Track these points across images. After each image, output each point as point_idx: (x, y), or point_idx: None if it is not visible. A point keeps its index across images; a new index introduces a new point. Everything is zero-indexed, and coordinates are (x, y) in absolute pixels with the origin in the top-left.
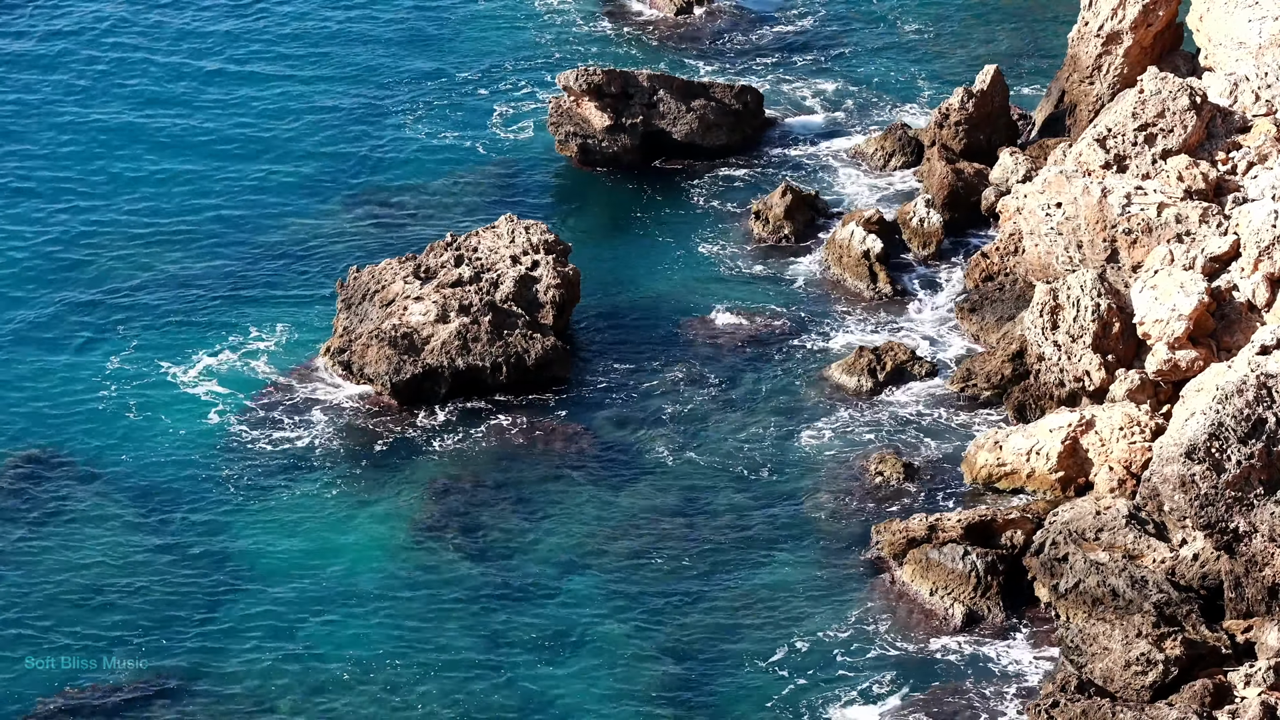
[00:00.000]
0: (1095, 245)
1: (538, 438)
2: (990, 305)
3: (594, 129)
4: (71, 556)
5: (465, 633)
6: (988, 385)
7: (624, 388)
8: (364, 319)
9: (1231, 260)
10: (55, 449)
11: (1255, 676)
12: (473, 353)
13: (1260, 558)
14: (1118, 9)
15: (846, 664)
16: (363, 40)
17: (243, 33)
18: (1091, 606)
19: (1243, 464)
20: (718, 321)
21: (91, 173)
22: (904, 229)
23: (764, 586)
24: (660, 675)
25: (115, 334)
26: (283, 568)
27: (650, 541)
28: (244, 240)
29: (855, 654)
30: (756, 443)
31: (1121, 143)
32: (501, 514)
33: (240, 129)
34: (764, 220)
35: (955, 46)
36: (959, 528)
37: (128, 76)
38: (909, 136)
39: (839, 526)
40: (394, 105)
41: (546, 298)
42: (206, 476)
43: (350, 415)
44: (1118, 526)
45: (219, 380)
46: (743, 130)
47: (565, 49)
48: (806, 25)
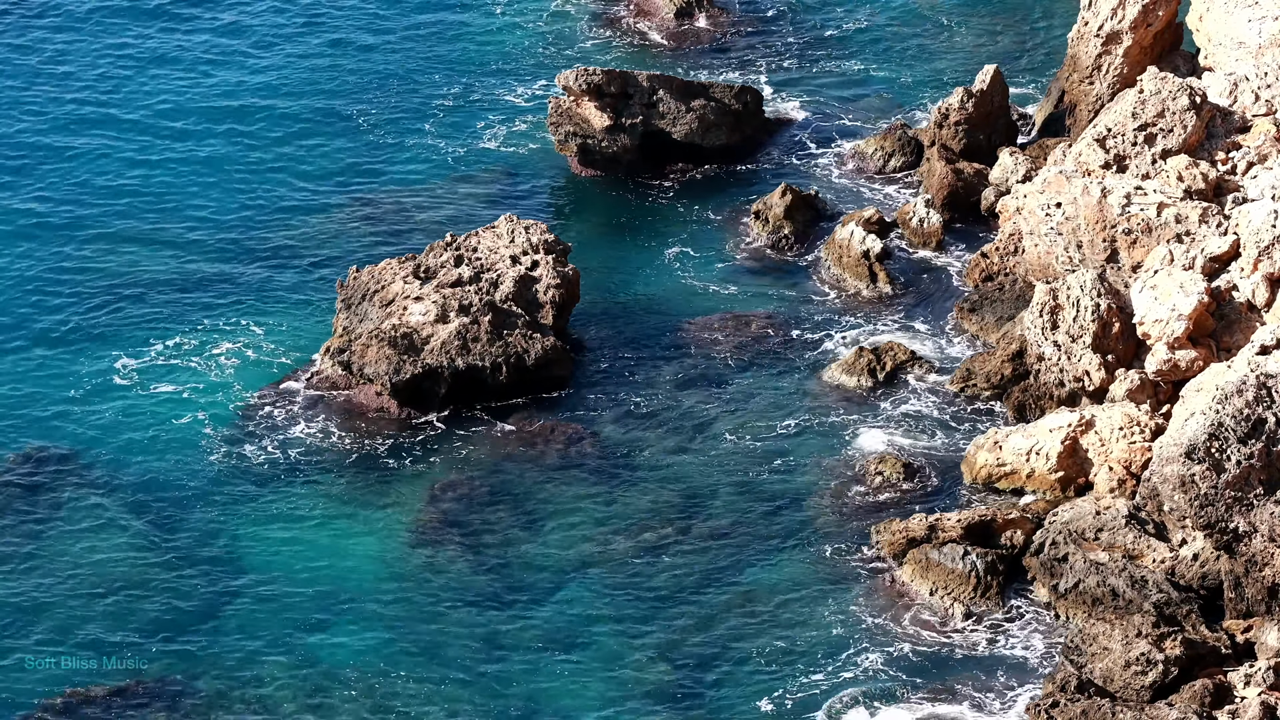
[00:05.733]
0: (1095, 245)
1: (537, 438)
2: (990, 305)
3: (594, 129)
4: (71, 556)
5: (465, 633)
6: (988, 385)
7: (624, 388)
8: (364, 319)
9: (1231, 260)
10: (54, 449)
11: (1255, 676)
12: (473, 353)
13: (1260, 558)
14: (1118, 9)
15: (846, 664)
16: (363, 40)
17: (243, 32)
18: (1091, 606)
19: (1243, 464)
20: (717, 321)
21: (90, 173)
22: (904, 229)
23: (763, 586)
24: (660, 676)
25: (115, 334)
26: (282, 568)
27: (650, 541)
28: (243, 240)
29: (855, 654)
30: (756, 443)
31: (1121, 143)
32: (501, 514)
33: (240, 129)
34: (764, 220)
35: (955, 46)
36: (959, 528)
37: (127, 75)
38: (909, 136)
39: (839, 526)
40: (394, 105)
41: (546, 298)
42: (205, 477)
43: (350, 415)
44: (1118, 526)
45: (218, 380)
46: (743, 130)
47: (565, 49)
48: (806, 26)
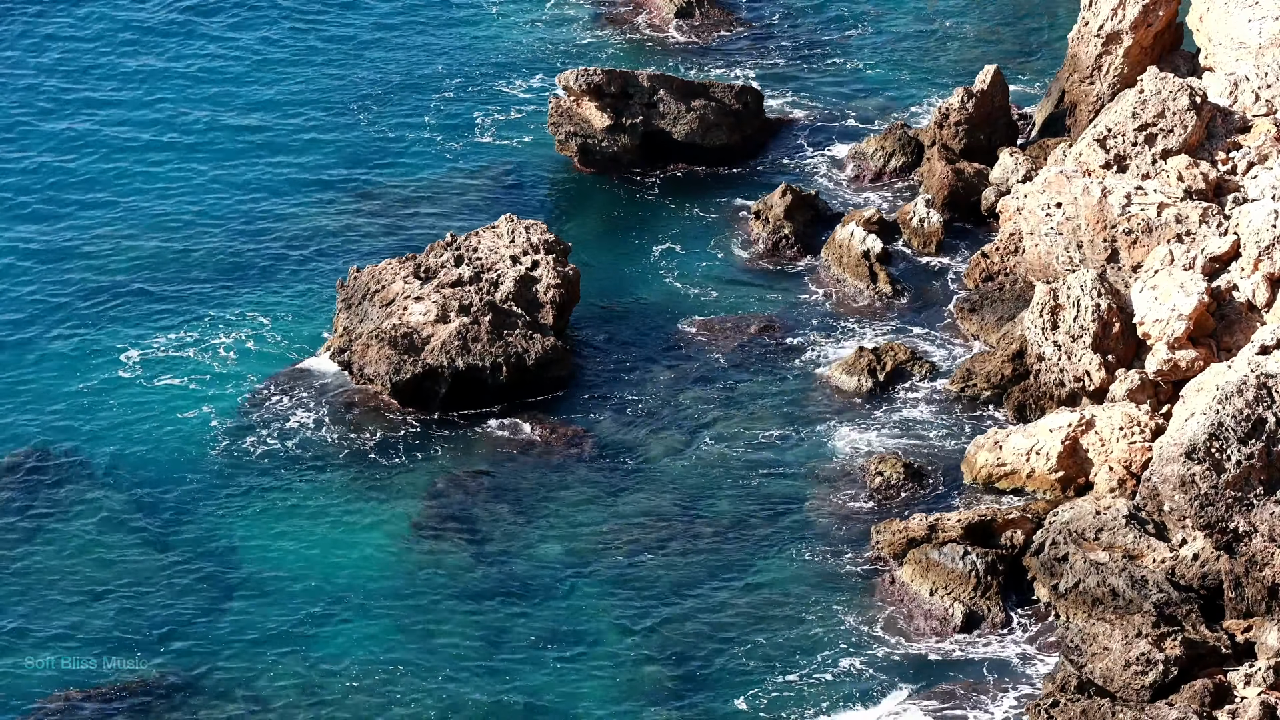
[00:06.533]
0: (1095, 245)
1: (537, 438)
2: (990, 305)
3: (594, 129)
4: (71, 555)
5: (465, 633)
6: (988, 385)
7: (624, 388)
8: (364, 319)
9: (1231, 260)
10: (54, 448)
11: (1255, 676)
12: (473, 353)
13: (1260, 558)
14: (1118, 9)
15: (846, 664)
16: (363, 40)
17: (243, 31)
18: (1091, 606)
19: (1243, 464)
20: (717, 321)
21: (89, 173)
22: (904, 229)
23: (763, 587)
24: (659, 676)
25: (114, 334)
26: (282, 567)
27: (650, 541)
28: (243, 240)
29: (855, 654)
30: (756, 443)
31: (1121, 143)
32: (501, 514)
33: (240, 128)
34: (764, 220)
35: (955, 46)
36: (959, 528)
37: (127, 74)
38: (909, 136)
39: (839, 526)
40: (394, 105)
41: (546, 298)
42: (205, 476)
43: (350, 415)
44: (1118, 526)
45: (218, 380)
46: (743, 130)
47: (565, 49)
48: (806, 25)
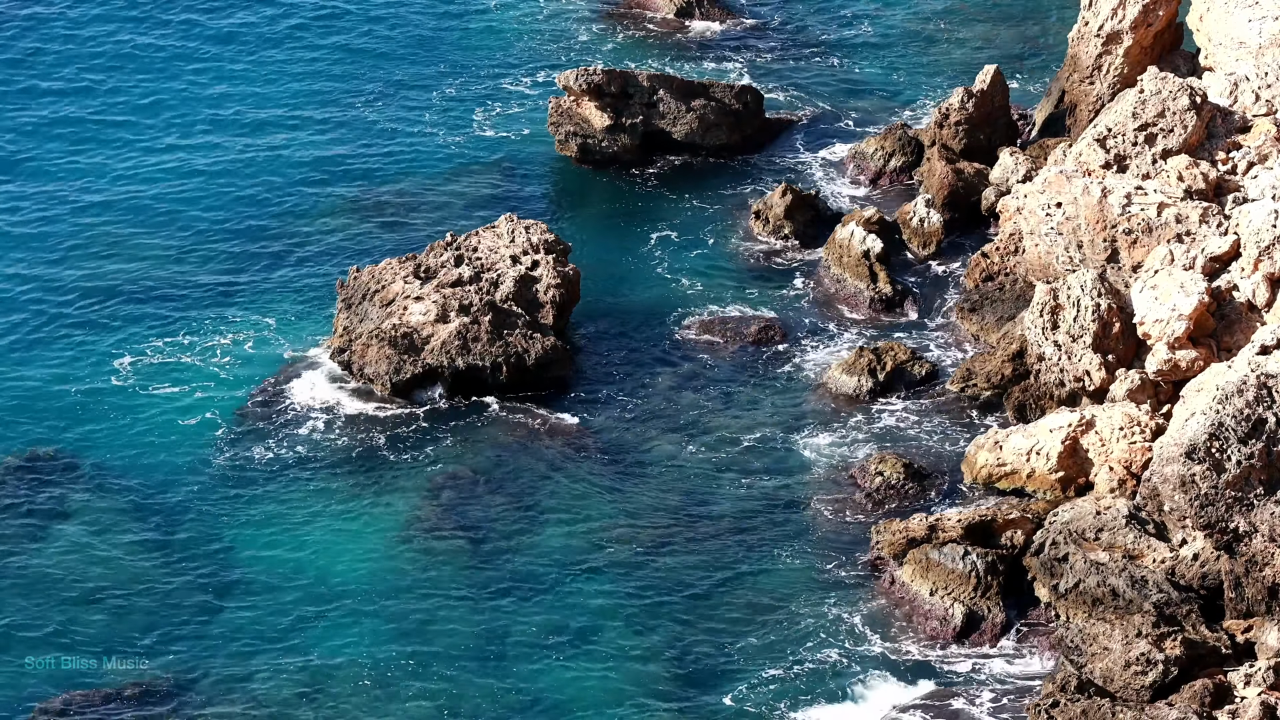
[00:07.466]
0: (1095, 245)
1: (537, 438)
2: (990, 305)
3: (594, 129)
4: (71, 557)
5: (465, 633)
6: (988, 385)
7: (624, 388)
8: (364, 319)
9: (1231, 260)
10: (54, 449)
11: (1255, 676)
12: (473, 352)
13: (1260, 558)
14: (1118, 9)
15: (846, 664)
16: (364, 40)
17: (243, 31)
18: (1091, 606)
19: (1243, 464)
20: (717, 321)
21: (89, 173)
22: (904, 229)
23: (764, 586)
24: (659, 675)
25: (114, 335)
26: (282, 567)
27: (650, 541)
28: (243, 240)
29: (855, 654)
30: (756, 442)
31: (1121, 143)
32: (501, 514)
33: (240, 128)
34: (764, 220)
35: (955, 46)
36: (959, 528)
37: (127, 74)
38: (909, 136)
39: (839, 526)
40: (394, 105)
41: (546, 297)
42: (205, 476)
43: (350, 415)
44: (1118, 526)
45: (218, 380)
46: (743, 130)
47: (565, 49)
48: (806, 25)
